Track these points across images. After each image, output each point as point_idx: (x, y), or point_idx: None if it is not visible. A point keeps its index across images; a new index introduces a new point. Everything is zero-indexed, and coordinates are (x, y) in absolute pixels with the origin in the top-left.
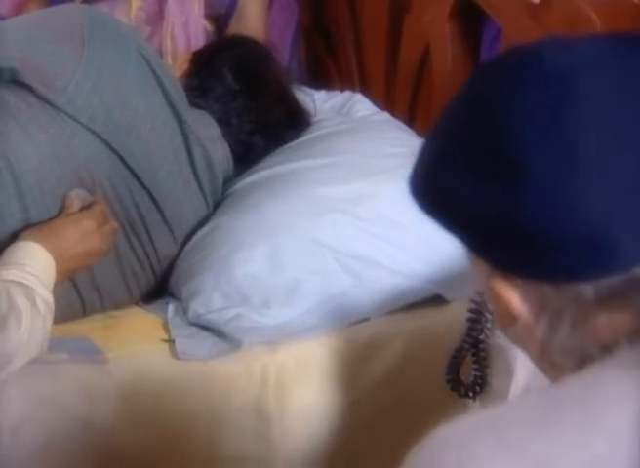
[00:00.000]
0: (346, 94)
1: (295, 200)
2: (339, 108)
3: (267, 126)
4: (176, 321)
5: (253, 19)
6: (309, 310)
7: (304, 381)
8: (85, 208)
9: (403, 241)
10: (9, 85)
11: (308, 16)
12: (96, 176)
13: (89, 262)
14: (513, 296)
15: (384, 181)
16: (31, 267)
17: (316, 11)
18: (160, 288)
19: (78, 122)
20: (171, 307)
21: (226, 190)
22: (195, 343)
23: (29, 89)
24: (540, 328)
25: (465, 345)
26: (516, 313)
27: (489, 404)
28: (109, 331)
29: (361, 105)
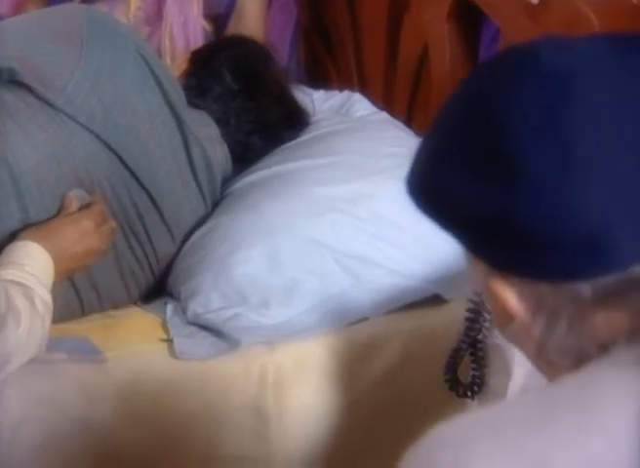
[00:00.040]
0: (345, 93)
1: (293, 200)
2: (337, 108)
3: (266, 126)
4: (174, 320)
5: (252, 20)
6: (308, 310)
7: (303, 381)
8: (84, 208)
9: (402, 241)
10: (7, 85)
11: (307, 16)
12: (94, 176)
13: (87, 262)
14: (510, 295)
15: (383, 181)
16: (30, 267)
17: (315, 11)
18: (159, 287)
19: (77, 122)
20: (169, 307)
21: (225, 190)
22: (194, 343)
23: (28, 89)
24: (538, 327)
25: (463, 345)
26: (513, 312)
27: (487, 403)
28: (108, 331)
29: (360, 105)
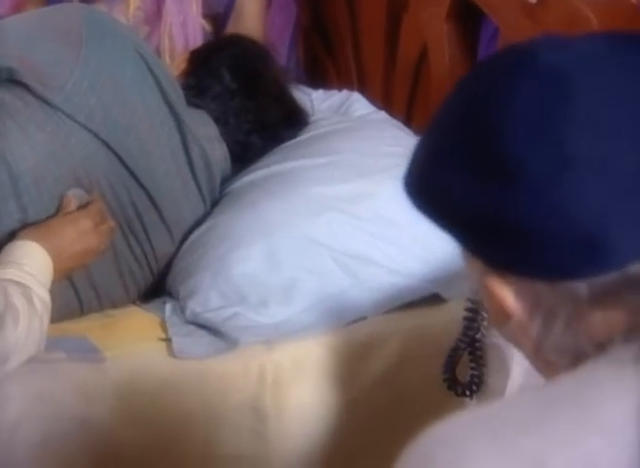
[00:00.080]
0: (344, 93)
1: (292, 199)
2: (336, 108)
3: (265, 125)
4: (173, 320)
5: (251, 19)
6: (306, 309)
7: (301, 380)
8: (82, 207)
9: (400, 240)
10: (6, 84)
11: (307, 16)
12: (93, 176)
13: (86, 261)
14: (507, 294)
15: (382, 181)
16: (29, 266)
17: (315, 11)
18: (158, 287)
19: (75, 121)
20: (168, 306)
21: (224, 189)
22: (192, 342)
23: (26, 88)
24: (535, 325)
25: (462, 344)
26: (510, 311)
27: (485, 402)
28: (107, 331)
29: (358, 105)
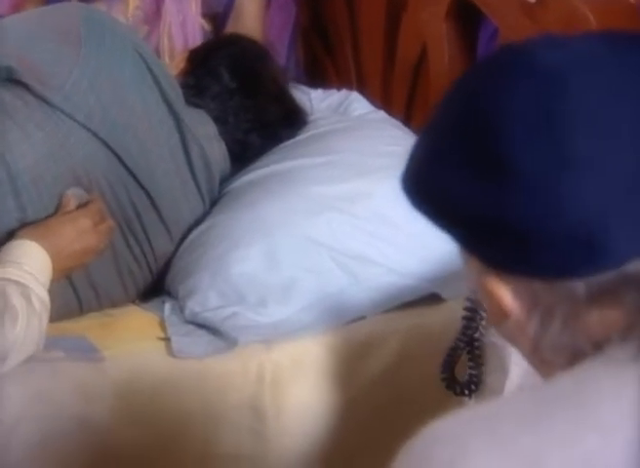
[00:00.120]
0: (343, 92)
1: (291, 198)
2: (335, 107)
3: (264, 124)
4: (172, 319)
5: (250, 19)
6: (305, 308)
7: (300, 379)
8: (81, 206)
9: (399, 239)
10: (5, 83)
11: (306, 15)
12: (92, 175)
13: (85, 261)
14: (505, 293)
15: (381, 180)
16: (28, 266)
17: (314, 10)
18: (157, 286)
19: (74, 120)
20: (167, 306)
21: (223, 189)
22: (191, 341)
23: (26, 87)
24: (532, 324)
25: (460, 344)
26: (508, 310)
27: (483, 401)
28: (106, 330)
29: (357, 104)
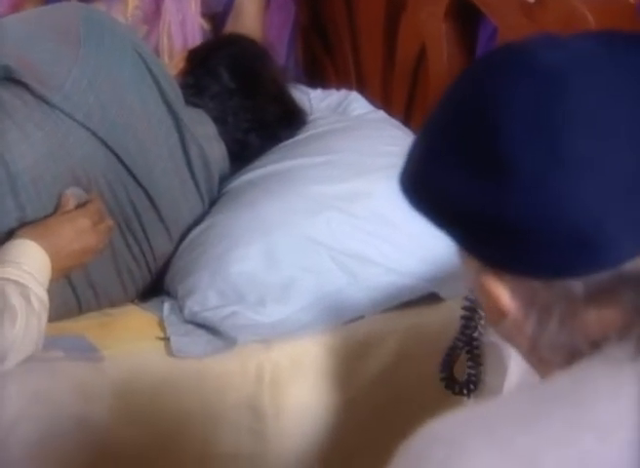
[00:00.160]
0: (342, 92)
1: (290, 198)
2: (334, 107)
3: (263, 124)
4: (171, 319)
5: (249, 18)
6: (304, 308)
7: (299, 379)
8: (80, 206)
9: (398, 239)
10: (4, 83)
11: (305, 15)
12: (91, 174)
13: (84, 260)
14: (503, 292)
15: (380, 180)
16: (27, 265)
17: (313, 10)
18: (156, 286)
19: (74, 120)
20: (166, 305)
21: (222, 188)
22: (190, 341)
23: (25, 86)
24: (530, 323)
25: (459, 343)
26: (505, 309)
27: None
28: (105, 329)
29: (357, 104)
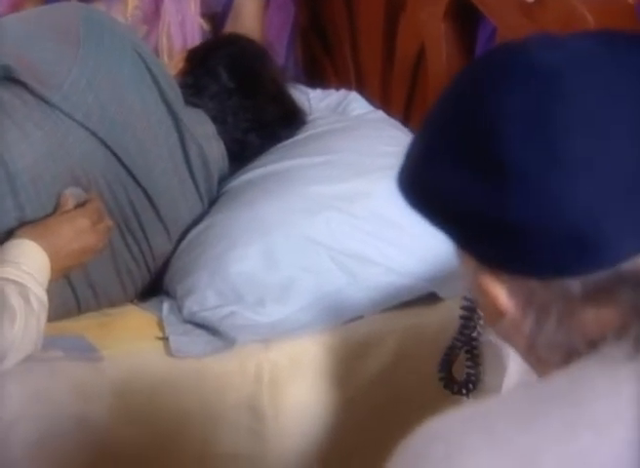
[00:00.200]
0: (342, 92)
1: (290, 198)
2: (334, 107)
3: (263, 124)
4: (170, 319)
5: (249, 18)
6: (303, 308)
7: (298, 379)
8: (80, 205)
9: (398, 239)
10: (3, 82)
11: (305, 15)
12: (90, 174)
13: (83, 260)
14: (500, 292)
15: (379, 180)
16: (26, 265)
17: (313, 10)
18: (155, 285)
19: (73, 119)
20: (166, 305)
21: (221, 188)
22: (189, 341)
23: (24, 86)
24: (527, 323)
25: (458, 343)
26: (503, 309)
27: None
28: (104, 329)
29: (356, 104)
